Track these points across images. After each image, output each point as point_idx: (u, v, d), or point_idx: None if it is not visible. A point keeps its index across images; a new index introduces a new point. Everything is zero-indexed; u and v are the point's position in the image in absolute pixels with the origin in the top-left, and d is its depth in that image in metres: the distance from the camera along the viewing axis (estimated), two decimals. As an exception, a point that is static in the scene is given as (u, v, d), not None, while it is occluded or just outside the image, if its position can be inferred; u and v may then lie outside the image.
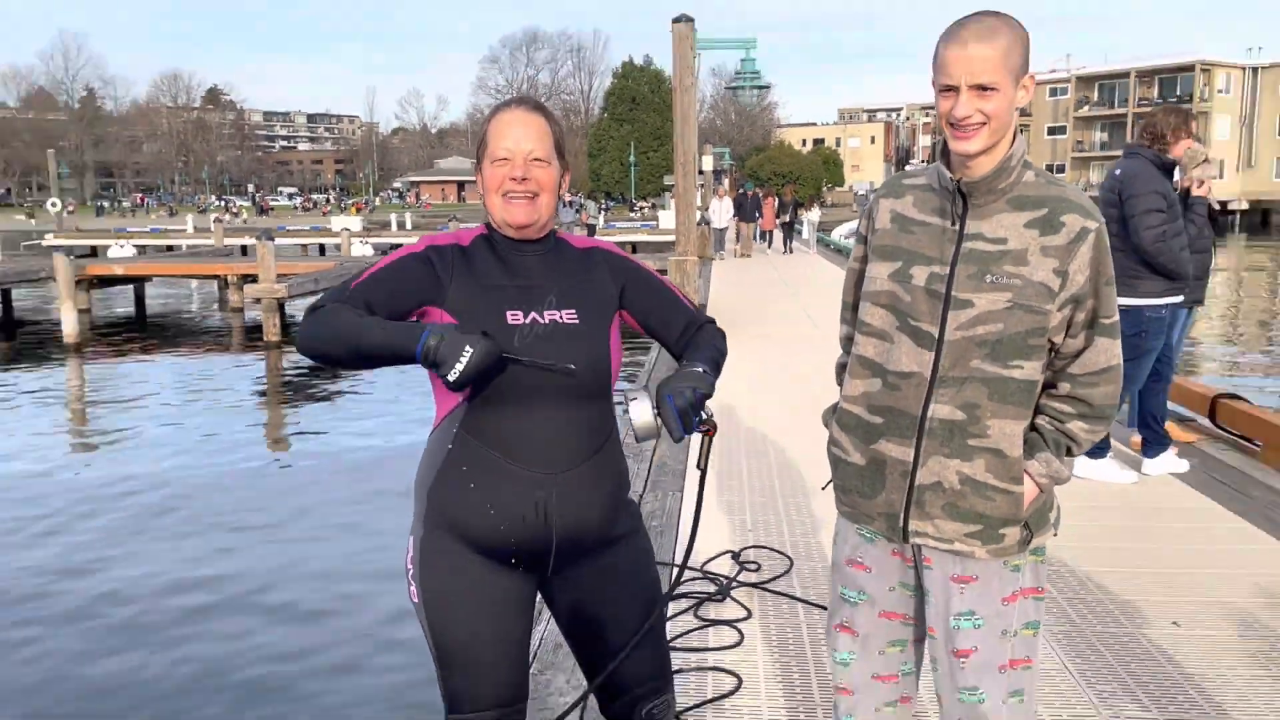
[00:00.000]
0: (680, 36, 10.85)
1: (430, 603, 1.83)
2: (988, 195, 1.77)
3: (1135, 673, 3.08)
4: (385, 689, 5.21)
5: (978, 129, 1.70)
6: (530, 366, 1.74)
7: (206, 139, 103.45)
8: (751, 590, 3.78)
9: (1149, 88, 63.70)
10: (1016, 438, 1.79)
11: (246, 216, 61.76)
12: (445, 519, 1.81)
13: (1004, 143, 1.75)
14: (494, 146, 1.80)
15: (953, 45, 1.68)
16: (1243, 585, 3.77)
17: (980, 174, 1.76)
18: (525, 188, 1.79)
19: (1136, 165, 4.78)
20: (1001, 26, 1.68)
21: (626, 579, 1.90)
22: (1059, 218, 1.74)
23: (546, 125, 1.84)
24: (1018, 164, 1.77)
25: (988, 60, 1.66)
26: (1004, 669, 1.84)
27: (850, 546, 1.96)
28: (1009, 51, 1.67)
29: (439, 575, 1.82)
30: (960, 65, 1.67)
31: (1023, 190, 1.78)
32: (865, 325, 1.89)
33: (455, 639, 1.82)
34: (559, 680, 3.07)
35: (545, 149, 1.82)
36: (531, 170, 1.80)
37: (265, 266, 17.21)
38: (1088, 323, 1.78)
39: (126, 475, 9.37)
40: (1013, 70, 1.69)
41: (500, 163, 1.80)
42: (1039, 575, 1.89)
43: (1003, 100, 1.69)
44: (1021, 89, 1.72)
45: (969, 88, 1.68)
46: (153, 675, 5.39)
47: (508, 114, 1.82)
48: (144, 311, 22.95)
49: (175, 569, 6.92)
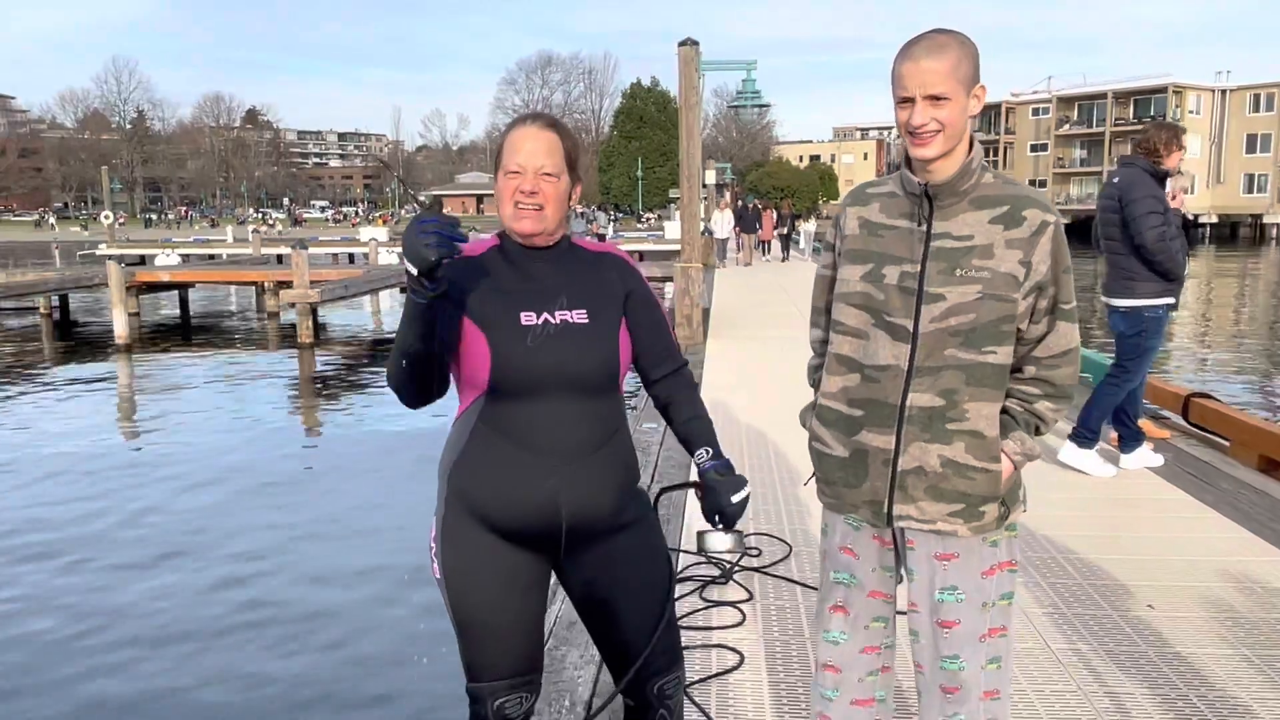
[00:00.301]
0: (686, 59, 10.86)
1: (451, 577, 1.84)
2: (952, 197, 1.80)
3: (1113, 651, 3.07)
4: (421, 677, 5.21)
5: (934, 136, 1.73)
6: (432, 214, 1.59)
7: (245, 156, 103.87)
8: (752, 574, 3.78)
9: (1125, 108, 63.46)
10: (994, 419, 1.81)
11: (282, 228, 61.96)
12: (465, 501, 1.82)
13: (961, 148, 1.78)
14: (508, 160, 1.80)
15: (907, 61, 1.73)
16: (1212, 570, 3.75)
17: (944, 177, 1.79)
18: (532, 200, 1.79)
19: (1133, 174, 4.75)
20: (950, 42, 1.72)
21: (635, 562, 1.90)
22: (1020, 213, 1.78)
23: (558, 140, 1.83)
24: (977, 167, 1.80)
25: (938, 73, 1.70)
26: (984, 639, 1.86)
27: (840, 534, 1.97)
28: (958, 64, 1.71)
29: (459, 553, 1.83)
30: (914, 78, 1.72)
31: (983, 190, 1.80)
32: (840, 325, 1.90)
33: (474, 611, 1.83)
34: (573, 655, 3.07)
35: (555, 163, 1.81)
36: (540, 184, 1.79)
37: (299, 273, 17.26)
38: (1049, 309, 1.81)
39: (169, 455, 9.44)
40: (963, 81, 1.72)
41: (512, 175, 1.79)
42: (1013, 549, 1.91)
43: (955, 108, 1.72)
44: (973, 98, 1.75)
45: (923, 98, 1.71)
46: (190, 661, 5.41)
47: (522, 129, 1.82)
48: (188, 314, 23.07)
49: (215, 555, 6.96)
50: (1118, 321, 4.92)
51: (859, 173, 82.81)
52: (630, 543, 1.90)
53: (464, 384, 1.84)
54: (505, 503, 1.79)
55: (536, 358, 1.77)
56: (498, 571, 1.83)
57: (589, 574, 1.89)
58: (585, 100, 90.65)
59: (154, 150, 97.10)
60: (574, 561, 1.89)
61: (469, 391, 1.83)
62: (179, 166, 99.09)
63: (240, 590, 6.25)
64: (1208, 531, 4.21)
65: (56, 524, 7.61)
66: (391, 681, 5.02)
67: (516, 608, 1.84)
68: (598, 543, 1.87)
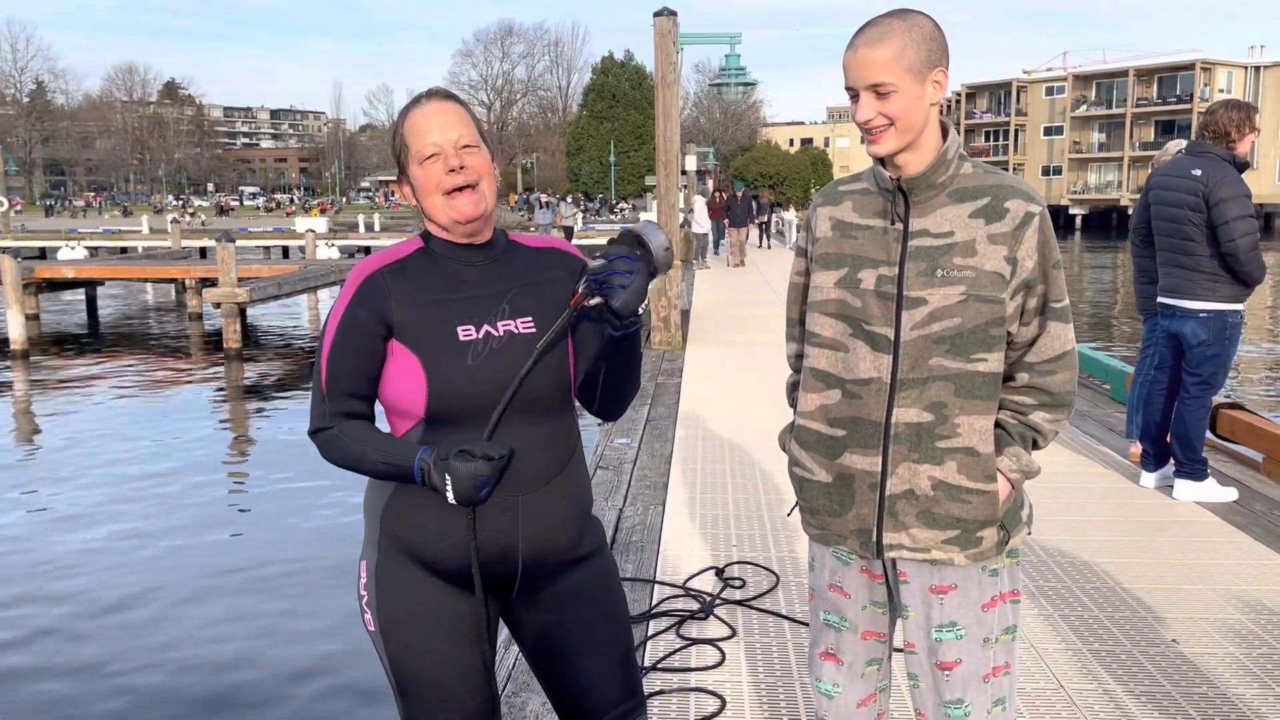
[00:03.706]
0: (662, 31, 10.90)
1: (389, 630, 1.80)
2: (928, 190, 1.81)
3: (1133, 691, 3.11)
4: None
5: (884, 130, 1.76)
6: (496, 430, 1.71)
7: (163, 135, 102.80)
8: (735, 608, 3.79)
9: (1148, 87, 64.47)
10: (988, 433, 1.82)
11: (206, 217, 61.35)
12: (401, 542, 1.79)
13: (930, 138, 1.79)
14: (418, 145, 1.74)
15: (848, 51, 1.78)
16: (1244, 601, 3.82)
17: (917, 170, 1.80)
18: (465, 177, 1.73)
19: (1217, 166, 4.74)
20: (895, 27, 1.73)
21: (594, 600, 1.88)
22: (1002, 204, 1.79)
23: (465, 111, 1.78)
24: (954, 157, 1.82)
25: (877, 63, 1.73)
26: (987, 678, 1.88)
27: (830, 570, 1.98)
28: (902, 50, 1.72)
29: (397, 601, 1.79)
30: (854, 70, 1.76)
31: (962, 182, 1.82)
32: (815, 337, 1.91)
33: (418, 667, 1.79)
34: (534, 703, 3.07)
35: (472, 134, 1.75)
36: (465, 158, 1.73)
37: (225, 269, 17.08)
38: (1039, 308, 1.83)
39: (75, 489, 9.28)
40: (911, 68, 1.73)
41: (431, 160, 1.73)
42: (1015, 578, 1.93)
43: (904, 99, 1.74)
44: (932, 84, 1.76)
45: (865, 90, 1.75)
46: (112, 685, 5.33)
47: (421, 109, 1.76)
48: (96, 317, 22.74)
49: (120, 594, 6.85)
50: (1195, 329, 4.85)
51: (855, 158, 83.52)
52: (588, 577, 1.89)
53: (395, 413, 1.79)
54: (452, 543, 1.75)
55: (479, 378, 1.72)
56: (443, 620, 1.79)
57: (544, 615, 1.87)
58: (551, 76, 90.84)
59: (56, 127, 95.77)
60: (528, 602, 1.87)
61: (401, 421, 1.78)
62: (86, 146, 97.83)
63: (133, 643, 6.16)
64: (1239, 558, 4.29)
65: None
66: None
67: (467, 659, 1.80)
68: (553, 580, 1.86)
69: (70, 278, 21.88)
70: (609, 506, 5.14)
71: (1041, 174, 68.34)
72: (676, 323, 10.99)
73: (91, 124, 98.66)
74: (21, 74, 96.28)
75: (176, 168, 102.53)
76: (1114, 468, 5.71)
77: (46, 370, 16.24)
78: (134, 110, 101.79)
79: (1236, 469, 5.68)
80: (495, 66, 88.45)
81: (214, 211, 70.96)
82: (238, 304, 16.97)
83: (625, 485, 5.53)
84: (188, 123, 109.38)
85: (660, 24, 10.92)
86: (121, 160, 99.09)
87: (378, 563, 1.82)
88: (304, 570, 7.24)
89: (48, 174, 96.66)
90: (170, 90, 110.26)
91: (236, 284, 17.07)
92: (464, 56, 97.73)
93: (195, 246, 31.32)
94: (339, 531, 7.91)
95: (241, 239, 28.05)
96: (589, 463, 5.95)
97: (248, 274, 19.29)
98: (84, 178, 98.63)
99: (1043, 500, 5.03)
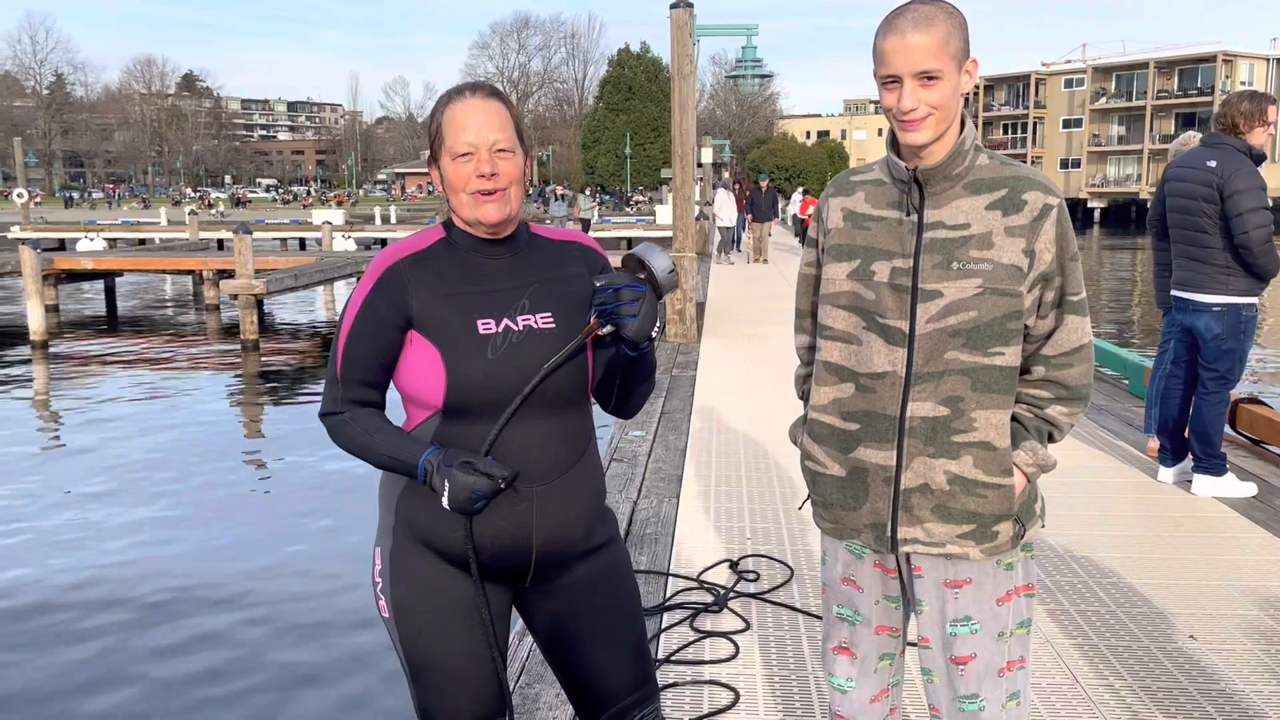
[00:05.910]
0: (679, 22, 10.87)
1: (403, 616, 1.82)
2: (944, 182, 1.80)
3: (1149, 688, 3.10)
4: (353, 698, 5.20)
5: (924, 119, 1.73)
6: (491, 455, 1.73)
7: (181, 127, 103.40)
8: (749, 601, 3.79)
9: (1168, 79, 63.89)
10: (1004, 427, 1.81)
11: (223, 209, 61.71)
12: (415, 530, 1.81)
13: (954, 128, 1.78)
14: (453, 140, 1.73)
15: (891, 36, 1.72)
16: (1263, 597, 3.79)
17: (935, 161, 1.79)
18: (494, 184, 1.73)
19: (1232, 158, 4.70)
20: (938, 13, 1.71)
21: (606, 590, 1.90)
22: (1020, 196, 1.78)
23: (506, 111, 1.77)
24: (970, 148, 1.80)
25: (928, 49, 1.69)
26: (1002, 673, 1.87)
27: (843, 564, 1.98)
28: (949, 38, 1.71)
29: (411, 588, 1.81)
30: (901, 56, 1.71)
31: (978, 174, 1.80)
32: (828, 329, 1.90)
33: (430, 654, 1.81)
34: (548, 694, 3.08)
35: (509, 138, 1.75)
36: (498, 164, 1.74)
37: (242, 261, 17.17)
38: (1056, 301, 1.82)
39: (91, 474, 9.37)
40: (954, 56, 1.72)
41: (463, 159, 1.73)
42: (1030, 571, 1.92)
43: (947, 87, 1.72)
44: (965, 74, 1.75)
45: (912, 77, 1.71)
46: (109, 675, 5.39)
47: (463, 103, 1.75)
48: (115, 308, 22.91)
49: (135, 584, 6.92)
50: (1209, 322, 4.83)
51: (872, 150, 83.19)
52: (601, 568, 1.90)
53: (412, 402, 1.80)
54: (465, 534, 1.77)
55: (498, 372, 1.73)
56: (457, 607, 1.81)
57: (556, 605, 1.88)
58: (567, 68, 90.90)
59: (75, 120, 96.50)
60: (540, 592, 1.89)
61: (418, 410, 1.79)
62: (104, 138, 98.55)
63: (157, 635, 6.22)
64: (1258, 554, 4.26)
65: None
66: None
67: (480, 647, 1.82)
68: (566, 570, 1.87)
69: (89, 269, 22.05)
70: (623, 499, 5.14)
71: (1060, 167, 67.85)
72: (692, 315, 10.98)
73: (110, 116, 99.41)
74: (41, 66, 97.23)
75: (194, 160, 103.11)
76: (1132, 463, 5.68)
77: (66, 360, 16.39)
78: (152, 102, 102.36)
79: (1256, 464, 5.63)
80: (511, 59, 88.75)
81: (231, 203, 71.33)
82: (254, 296, 17.05)
83: (640, 478, 5.53)
84: (205, 115, 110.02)
85: (677, 16, 10.89)
86: (140, 152, 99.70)
87: (392, 549, 1.84)
88: (319, 557, 7.29)
89: (67, 166, 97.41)
90: (188, 82, 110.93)
91: (253, 276, 17.15)
92: (480, 49, 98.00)
93: (213, 238, 31.47)
94: (354, 518, 7.96)
95: (258, 231, 28.15)
96: (603, 455, 5.97)
97: (264, 266, 19.37)
98: (103, 170, 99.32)
99: (1060, 495, 5.00)
